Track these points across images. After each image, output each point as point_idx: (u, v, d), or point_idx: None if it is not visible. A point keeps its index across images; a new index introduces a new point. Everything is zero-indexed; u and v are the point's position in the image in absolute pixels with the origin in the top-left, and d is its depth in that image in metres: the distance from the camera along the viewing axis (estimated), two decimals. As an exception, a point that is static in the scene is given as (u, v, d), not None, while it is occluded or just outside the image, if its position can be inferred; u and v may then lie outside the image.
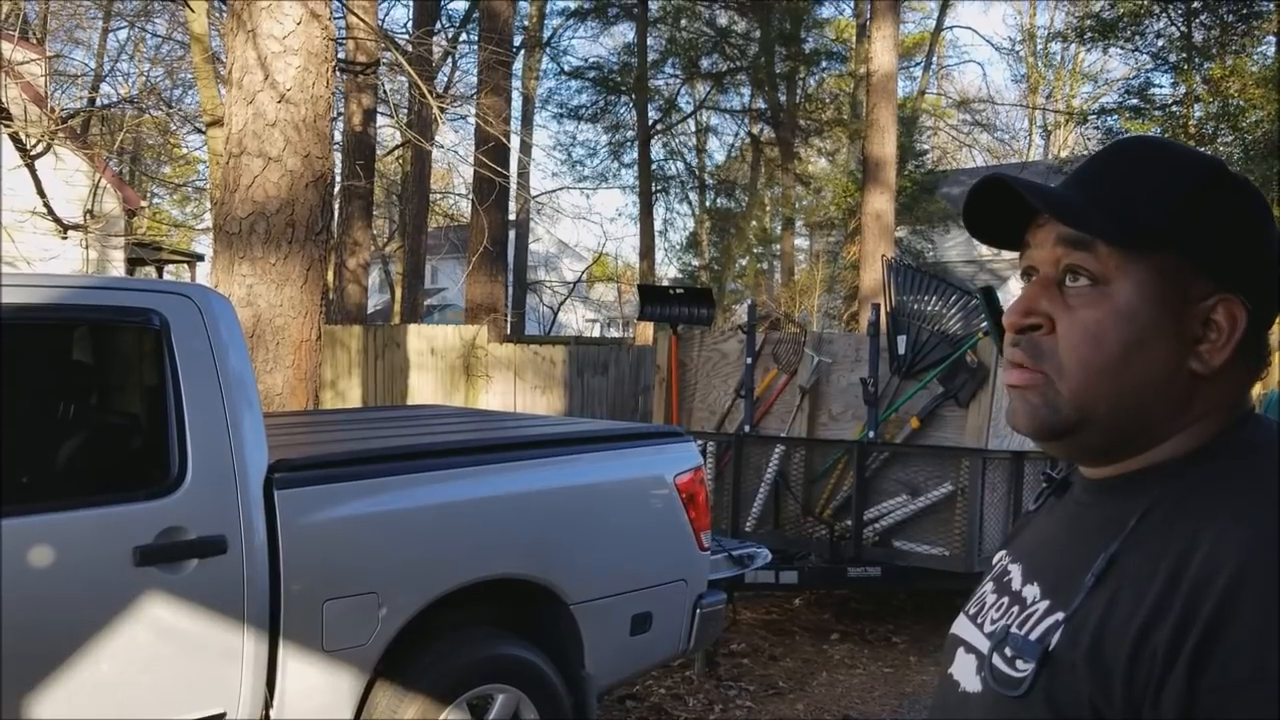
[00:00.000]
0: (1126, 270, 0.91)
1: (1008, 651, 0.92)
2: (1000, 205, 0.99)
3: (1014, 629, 0.93)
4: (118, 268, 14.76)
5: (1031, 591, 0.96)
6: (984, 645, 0.98)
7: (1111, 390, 0.91)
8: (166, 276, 19.26)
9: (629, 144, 27.67)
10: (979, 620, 1.03)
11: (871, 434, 6.22)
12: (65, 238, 12.15)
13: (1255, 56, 17.28)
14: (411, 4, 20.10)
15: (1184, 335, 0.91)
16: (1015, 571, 1.03)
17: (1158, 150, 0.98)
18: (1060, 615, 0.89)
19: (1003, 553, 1.12)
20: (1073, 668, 0.85)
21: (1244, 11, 17.55)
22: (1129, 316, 0.91)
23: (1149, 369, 0.91)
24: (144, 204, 19.01)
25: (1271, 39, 17.84)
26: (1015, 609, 0.97)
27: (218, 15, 13.63)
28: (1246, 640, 0.75)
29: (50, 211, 11.57)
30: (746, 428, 6.55)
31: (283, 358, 5.45)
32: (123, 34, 22.28)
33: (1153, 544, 0.85)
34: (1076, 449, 0.97)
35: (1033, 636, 0.90)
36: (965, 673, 1.00)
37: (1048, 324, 0.94)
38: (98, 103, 16.87)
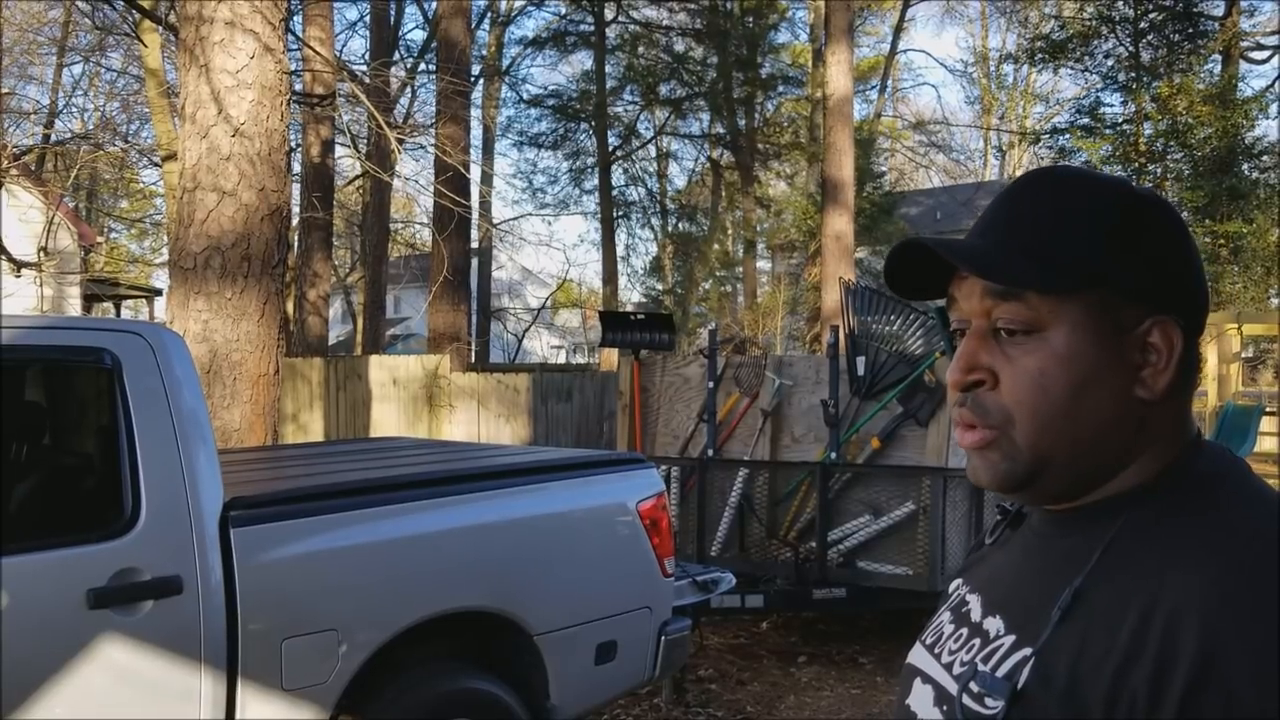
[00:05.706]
0: (1060, 314, 0.91)
1: (974, 688, 0.90)
2: (921, 260, 0.98)
3: (980, 665, 0.92)
4: (74, 304, 14.59)
5: (994, 625, 0.95)
6: (942, 676, 0.97)
7: (1065, 434, 0.91)
8: (125, 312, 19.07)
9: (590, 170, 27.86)
10: (936, 650, 1.02)
11: (833, 455, 6.25)
12: (19, 276, 12.01)
13: (1202, 75, 17.67)
14: (369, 35, 20.10)
15: (1126, 365, 0.91)
16: (974, 602, 1.02)
17: (1068, 184, 0.96)
18: (1028, 650, 0.88)
19: (958, 581, 1.10)
20: (1045, 706, 0.84)
21: (1190, 31, 17.96)
22: (1069, 359, 0.90)
23: (1099, 406, 0.90)
24: (101, 239, 18.80)
25: (1217, 57, 18.24)
26: (977, 642, 0.96)
27: (172, 49, 13.58)
28: (1245, 680, 0.74)
29: (3, 249, 11.45)
30: (710, 452, 6.56)
31: (240, 393, 5.40)
32: (77, 69, 22.16)
33: (1119, 578, 0.85)
34: (1040, 495, 0.96)
35: (1000, 673, 0.89)
36: (922, 704, 1.00)
37: (990, 378, 0.94)
38: (52, 138, 16.73)
